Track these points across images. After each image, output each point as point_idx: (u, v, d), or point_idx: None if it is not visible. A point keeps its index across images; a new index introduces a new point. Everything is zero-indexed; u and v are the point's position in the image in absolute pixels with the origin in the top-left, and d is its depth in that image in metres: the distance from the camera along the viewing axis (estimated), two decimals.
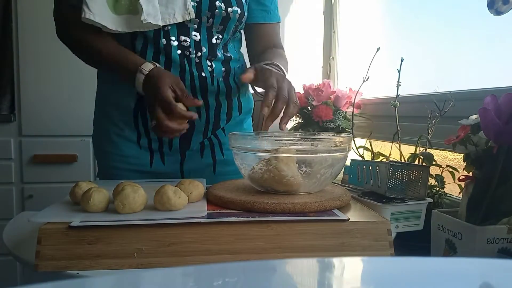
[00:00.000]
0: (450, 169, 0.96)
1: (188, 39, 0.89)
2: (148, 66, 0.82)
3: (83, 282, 0.37)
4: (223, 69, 0.96)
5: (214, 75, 0.94)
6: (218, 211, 0.63)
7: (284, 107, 0.80)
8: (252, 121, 1.13)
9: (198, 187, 0.69)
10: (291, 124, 1.69)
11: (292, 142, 0.70)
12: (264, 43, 1.02)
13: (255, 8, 0.99)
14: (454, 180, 0.94)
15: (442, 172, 0.96)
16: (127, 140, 0.95)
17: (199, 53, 0.91)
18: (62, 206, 0.66)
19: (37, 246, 0.55)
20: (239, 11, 0.92)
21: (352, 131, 1.34)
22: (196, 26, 0.90)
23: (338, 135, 0.73)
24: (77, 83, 1.87)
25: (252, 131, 1.08)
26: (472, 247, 0.65)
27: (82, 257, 0.55)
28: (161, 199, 0.61)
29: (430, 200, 0.79)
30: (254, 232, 0.58)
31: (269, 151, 0.69)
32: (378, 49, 1.21)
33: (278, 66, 0.91)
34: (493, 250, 0.65)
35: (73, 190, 0.67)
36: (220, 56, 0.94)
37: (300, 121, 1.61)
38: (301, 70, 2.00)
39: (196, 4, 0.87)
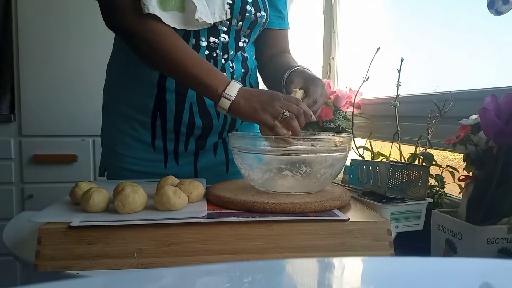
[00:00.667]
0: (450, 169, 0.96)
1: (217, 41, 0.89)
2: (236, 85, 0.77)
3: (83, 282, 0.37)
4: (242, 70, 0.97)
5: (235, 76, 0.95)
6: (218, 211, 0.63)
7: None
8: None
9: (198, 187, 0.69)
10: None
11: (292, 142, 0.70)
12: (276, 48, 1.04)
13: (271, 14, 1.00)
14: (454, 180, 0.94)
15: (442, 172, 0.96)
16: (142, 142, 0.94)
17: (226, 55, 0.91)
18: (62, 206, 0.66)
19: (37, 246, 0.55)
20: (265, 16, 0.94)
21: (352, 131, 1.34)
22: (226, 28, 0.90)
23: (338, 135, 0.73)
24: (77, 83, 1.87)
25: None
26: (472, 247, 0.65)
27: (82, 257, 0.55)
28: (161, 199, 0.61)
29: (430, 200, 0.79)
30: (254, 232, 0.58)
31: (269, 151, 0.69)
32: (378, 49, 1.21)
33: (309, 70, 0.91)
34: (493, 250, 0.65)
35: (73, 190, 0.67)
36: (239, 56, 0.96)
37: None
38: None
39: (229, 6, 0.87)
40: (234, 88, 0.75)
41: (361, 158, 1.25)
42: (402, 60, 1.12)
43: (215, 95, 0.76)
